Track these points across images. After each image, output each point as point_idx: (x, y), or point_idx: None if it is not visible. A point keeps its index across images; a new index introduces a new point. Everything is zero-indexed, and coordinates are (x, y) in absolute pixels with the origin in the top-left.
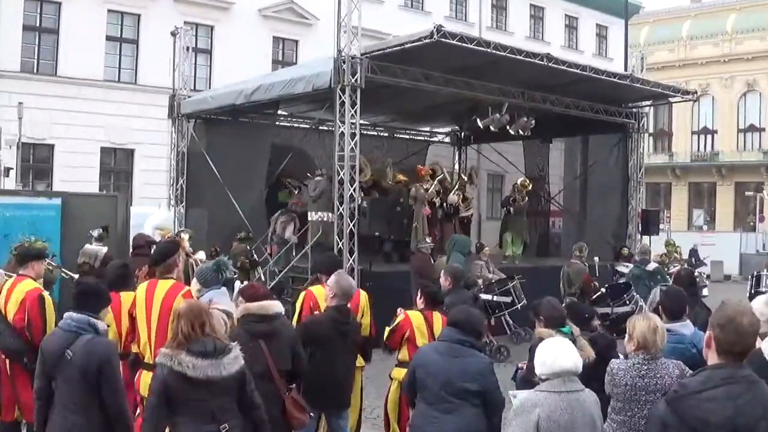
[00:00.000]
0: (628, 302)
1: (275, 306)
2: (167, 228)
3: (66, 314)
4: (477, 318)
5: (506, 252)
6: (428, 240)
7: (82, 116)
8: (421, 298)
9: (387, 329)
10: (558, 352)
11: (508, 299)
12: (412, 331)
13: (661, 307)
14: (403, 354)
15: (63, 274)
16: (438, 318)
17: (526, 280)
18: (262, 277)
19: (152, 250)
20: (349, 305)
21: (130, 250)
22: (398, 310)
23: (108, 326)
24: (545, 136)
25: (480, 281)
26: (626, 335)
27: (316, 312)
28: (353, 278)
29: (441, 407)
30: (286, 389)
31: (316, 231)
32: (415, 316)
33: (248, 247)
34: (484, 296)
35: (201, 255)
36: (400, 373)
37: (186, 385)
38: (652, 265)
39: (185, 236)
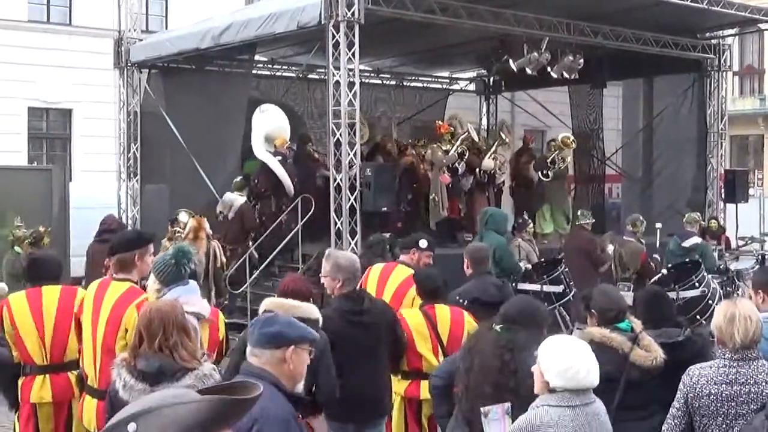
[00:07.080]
0: (698, 284)
1: (303, 309)
2: (282, 136)
3: None
4: (533, 307)
5: (545, 229)
6: (586, 213)
7: (2, 69)
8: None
9: None
10: (581, 362)
11: (559, 288)
12: (409, 334)
13: (753, 288)
14: (404, 363)
15: None
16: (444, 312)
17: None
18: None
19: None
20: (359, 286)
21: (95, 235)
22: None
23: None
24: (597, 79)
25: (523, 266)
26: None
27: None
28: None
29: None
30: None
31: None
32: (412, 316)
33: None
34: (527, 286)
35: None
36: (403, 386)
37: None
38: (691, 240)
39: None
